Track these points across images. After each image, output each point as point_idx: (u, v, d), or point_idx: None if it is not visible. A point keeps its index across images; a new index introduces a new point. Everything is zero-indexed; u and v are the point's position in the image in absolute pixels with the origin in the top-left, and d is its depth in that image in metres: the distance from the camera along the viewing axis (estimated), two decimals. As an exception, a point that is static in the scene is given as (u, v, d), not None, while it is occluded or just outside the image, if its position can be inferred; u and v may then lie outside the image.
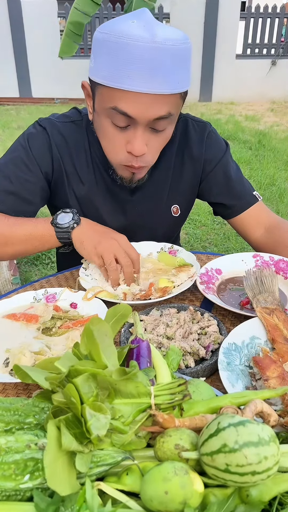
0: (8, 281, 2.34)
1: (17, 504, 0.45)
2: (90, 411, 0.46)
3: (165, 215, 1.18)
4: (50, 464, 0.43)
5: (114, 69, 0.83)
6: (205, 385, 0.61)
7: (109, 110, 0.88)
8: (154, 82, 0.83)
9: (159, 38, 0.81)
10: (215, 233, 3.30)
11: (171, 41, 0.82)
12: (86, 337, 0.53)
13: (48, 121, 1.08)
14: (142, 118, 0.87)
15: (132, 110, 0.86)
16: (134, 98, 0.84)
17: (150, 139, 0.93)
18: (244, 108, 7.91)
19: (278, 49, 8.32)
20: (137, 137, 0.90)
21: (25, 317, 0.87)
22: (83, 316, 0.88)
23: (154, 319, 0.84)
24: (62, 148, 1.07)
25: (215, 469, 0.44)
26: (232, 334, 0.78)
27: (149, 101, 0.85)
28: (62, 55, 3.14)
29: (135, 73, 0.81)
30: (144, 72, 0.81)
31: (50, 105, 7.91)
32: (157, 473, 0.44)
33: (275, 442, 0.45)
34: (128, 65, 0.81)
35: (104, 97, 0.89)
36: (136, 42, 0.80)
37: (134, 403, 0.50)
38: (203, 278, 0.98)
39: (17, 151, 1.06)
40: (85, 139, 1.09)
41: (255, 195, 1.18)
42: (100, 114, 0.93)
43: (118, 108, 0.86)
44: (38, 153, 1.05)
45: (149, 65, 0.81)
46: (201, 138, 1.14)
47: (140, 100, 0.84)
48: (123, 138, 0.92)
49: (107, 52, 0.83)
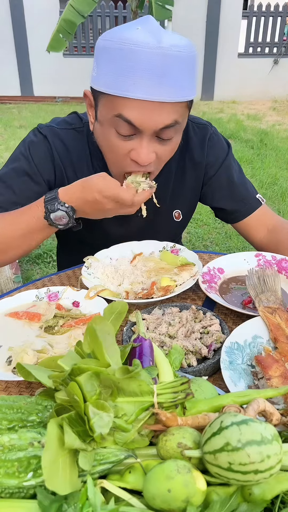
0: (9, 279, 2.35)
1: (20, 502, 0.45)
2: (93, 409, 0.46)
3: (167, 221, 1.17)
4: (49, 464, 0.42)
5: (117, 76, 0.80)
6: (207, 384, 0.61)
7: (113, 119, 0.86)
8: (160, 89, 0.80)
9: (165, 44, 0.78)
10: (216, 232, 3.29)
11: (177, 48, 0.79)
12: (89, 335, 0.53)
13: (48, 128, 1.06)
14: (148, 127, 0.84)
15: (137, 119, 0.83)
16: (140, 106, 0.81)
17: (157, 148, 0.89)
18: (246, 107, 7.89)
19: (280, 48, 8.30)
20: (143, 146, 0.87)
21: (28, 316, 0.87)
22: (85, 315, 0.88)
23: (156, 318, 0.84)
24: (64, 156, 1.05)
25: (218, 468, 0.45)
26: (234, 333, 0.78)
27: (154, 109, 0.82)
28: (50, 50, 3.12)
29: (140, 79, 0.79)
30: (149, 79, 0.79)
31: (52, 104, 7.91)
32: (160, 471, 0.44)
33: (277, 441, 0.45)
34: (132, 72, 0.79)
35: (107, 106, 0.86)
36: (141, 48, 0.77)
37: (137, 401, 0.50)
38: (205, 277, 0.98)
39: (18, 160, 1.04)
40: (86, 147, 1.07)
41: (259, 198, 1.16)
42: (103, 123, 0.90)
43: (122, 115, 0.84)
44: (40, 162, 1.03)
45: (155, 71, 0.78)
46: (202, 141, 1.12)
47: (146, 108, 0.82)
48: (127, 146, 0.89)
49: (110, 59, 0.81)
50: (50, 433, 0.44)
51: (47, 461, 0.42)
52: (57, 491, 0.42)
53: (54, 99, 8.10)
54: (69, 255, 1.28)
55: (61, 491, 0.42)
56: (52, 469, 0.43)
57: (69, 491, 0.43)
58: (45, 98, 8.14)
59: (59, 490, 0.42)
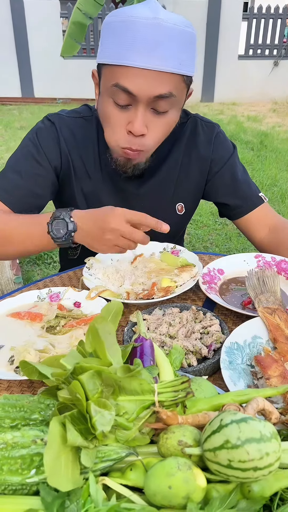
0: (10, 280, 2.35)
1: (23, 498, 0.46)
2: (95, 407, 0.47)
3: (170, 213, 1.19)
4: (51, 461, 0.43)
5: (118, 47, 0.85)
6: (207, 383, 0.62)
7: (111, 88, 0.89)
8: (155, 58, 0.84)
9: (162, 16, 0.83)
10: (216, 233, 3.30)
11: (173, 21, 0.84)
12: (91, 335, 0.54)
13: (57, 115, 1.10)
14: (143, 95, 0.87)
15: (133, 86, 0.86)
16: (136, 74, 0.85)
17: (151, 121, 0.92)
18: (246, 108, 7.91)
19: (281, 50, 8.32)
20: (137, 116, 0.90)
21: (30, 316, 0.88)
22: (87, 315, 0.89)
23: (157, 318, 0.85)
24: (70, 142, 1.08)
25: (217, 465, 0.45)
26: (234, 333, 0.78)
27: (150, 78, 0.86)
28: (64, 55, 3.15)
29: (137, 49, 0.83)
30: (145, 48, 0.83)
31: (52, 105, 7.92)
32: (160, 468, 0.45)
33: (276, 438, 0.46)
34: (130, 42, 0.83)
35: (107, 77, 0.90)
36: (139, 19, 0.83)
37: (138, 400, 0.51)
38: (205, 278, 0.99)
39: (27, 146, 1.07)
40: (94, 135, 1.09)
41: (261, 196, 1.18)
42: (103, 95, 0.93)
43: (119, 84, 0.87)
44: (47, 146, 1.05)
45: (151, 40, 0.83)
46: (209, 138, 1.15)
47: (141, 76, 0.85)
48: (123, 118, 0.92)
49: (112, 32, 0.86)
50: (52, 431, 0.45)
51: (49, 459, 0.43)
52: (59, 488, 0.42)
53: (55, 100, 8.12)
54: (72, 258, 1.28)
55: (63, 488, 0.42)
56: (54, 466, 0.43)
57: (71, 487, 0.43)
58: (45, 99, 8.15)
59: (61, 487, 0.42)
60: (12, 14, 7.65)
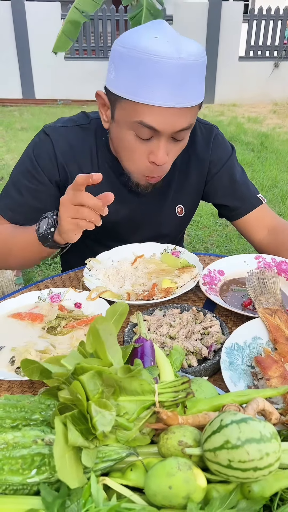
0: (11, 281, 2.36)
1: (24, 498, 0.46)
2: (96, 407, 0.47)
3: (170, 215, 1.19)
4: (60, 457, 0.44)
5: (138, 83, 0.85)
6: (207, 384, 0.62)
7: (133, 124, 0.90)
8: (180, 96, 0.86)
9: (184, 54, 0.83)
10: (217, 234, 3.30)
11: (194, 56, 0.85)
12: (91, 336, 0.54)
13: (52, 128, 1.09)
14: (166, 131, 0.90)
15: (159, 124, 0.88)
16: (160, 112, 0.87)
17: (171, 149, 0.96)
18: (246, 110, 7.92)
19: (281, 51, 8.32)
20: (160, 148, 0.93)
21: (30, 317, 0.88)
22: (87, 316, 0.89)
23: (157, 319, 0.85)
24: (67, 153, 1.08)
25: (217, 465, 0.45)
26: (234, 334, 0.79)
27: (174, 115, 0.88)
28: (56, 51, 3.14)
29: (161, 88, 0.84)
30: (170, 88, 0.84)
31: (53, 107, 7.94)
32: (161, 469, 0.45)
33: (276, 439, 0.46)
34: (154, 81, 0.84)
35: (128, 111, 0.90)
36: (162, 59, 0.82)
37: (139, 400, 0.51)
38: (205, 279, 0.99)
39: (24, 163, 1.09)
40: (92, 143, 1.10)
41: (259, 197, 1.19)
42: (122, 126, 0.94)
43: (144, 122, 0.89)
44: (44, 163, 1.07)
45: (176, 80, 0.84)
46: (207, 140, 1.16)
47: (166, 114, 0.87)
48: (145, 149, 0.95)
49: (130, 67, 0.85)
50: (58, 428, 0.45)
51: (58, 454, 0.43)
52: (68, 483, 0.43)
53: (56, 102, 8.13)
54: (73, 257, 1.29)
55: (71, 484, 0.43)
56: (63, 463, 0.44)
57: (77, 485, 0.43)
58: (46, 100, 8.16)
59: (70, 483, 0.43)
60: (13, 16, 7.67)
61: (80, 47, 8.10)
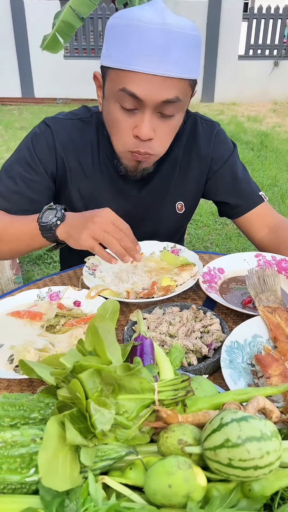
0: (10, 280, 2.35)
1: (23, 497, 0.45)
2: (95, 406, 0.47)
3: (170, 211, 1.19)
4: (46, 461, 0.42)
5: (124, 51, 0.84)
6: (207, 382, 0.62)
7: (118, 93, 0.89)
8: (163, 64, 0.83)
9: (169, 21, 0.82)
10: (216, 233, 3.30)
11: (180, 26, 0.84)
12: (90, 334, 0.53)
13: (53, 119, 1.09)
14: (150, 100, 0.87)
15: (141, 91, 0.86)
16: (143, 79, 0.85)
17: (158, 125, 0.92)
18: (246, 109, 7.91)
19: (281, 50, 8.32)
20: (144, 121, 0.89)
21: (29, 315, 0.88)
22: (87, 314, 0.88)
23: (157, 318, 0.85)
24: (66, 146, 1.07)
25: (218, 464, 0.45)
26: (234, 332, 0.78)
27: (158, 83, 0.85)
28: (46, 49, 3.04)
29: (145, 54, 0.83)
30: (154, 54, 0.83)
31: (53, 105, 7.93)
32: (161, 467, 0.45)
33: (277, 437, 0.46)
34: (138, 47, 0.83)
35: (114, 81, 0.89)
36: (146, 24, 0.82)
37: (138, 398, 0.50)
38: (205, 277, 0.99)
39: (22, 151, 1.07)
40: (94, 136, 1.09)
41: (261, 195, 1.18)
42: (109, 99, 0.93)
43: (126, 89, 0.86)
44: (42, 154, 1.06)
45: (159, 46, 0.82)
46: (209, 137, 1.15)
47: (149, 82, 0.85)
48: (130, 122, 0.92)
49: (118, 36, 0.85)
50: (48, 430, 0.45)
51: (44, 459, 0.43)
52: (54, 488, 0.42)
53: (55, 101, 8.12)
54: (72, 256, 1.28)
55: (59, 488, 0.42)
56: (50, 466, 0.42)
57: (68, 487, 0.43)
58: (45, 99, 8.15)
59: (57, 487, 0.42)
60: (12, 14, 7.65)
61: (80, 46, 8.09)
